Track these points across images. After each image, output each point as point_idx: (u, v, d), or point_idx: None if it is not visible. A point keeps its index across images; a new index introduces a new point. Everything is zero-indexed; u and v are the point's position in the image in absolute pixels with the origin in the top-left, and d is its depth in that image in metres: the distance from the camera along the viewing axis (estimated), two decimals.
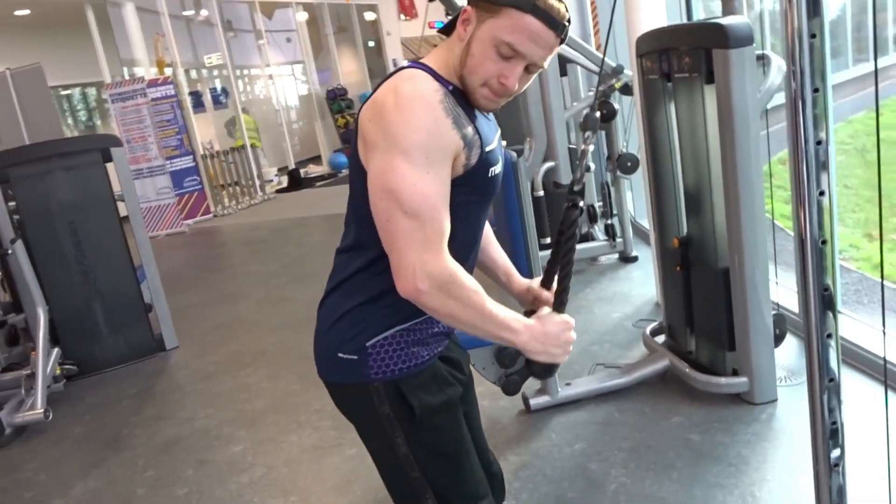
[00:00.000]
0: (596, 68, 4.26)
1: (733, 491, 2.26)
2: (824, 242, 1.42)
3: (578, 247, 4.79)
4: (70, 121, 12.66)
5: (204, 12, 11.37)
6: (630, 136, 4.54)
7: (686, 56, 2.60)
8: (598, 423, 2.81)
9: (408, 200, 1.17)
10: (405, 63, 1.33)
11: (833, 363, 1.54)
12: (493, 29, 1.19)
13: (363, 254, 1.32)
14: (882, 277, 1.67)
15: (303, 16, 13.46)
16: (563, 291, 1.38)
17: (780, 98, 2.95)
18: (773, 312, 2.74)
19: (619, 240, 4.71)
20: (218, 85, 13.42)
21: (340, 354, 1.34)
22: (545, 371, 1.37)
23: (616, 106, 4.35)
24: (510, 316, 1.25)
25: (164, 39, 9.72)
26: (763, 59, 2.67)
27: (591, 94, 4.33)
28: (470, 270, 1.46)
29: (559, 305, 1.36)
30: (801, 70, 1.33)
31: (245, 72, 14.44)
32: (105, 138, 4.60)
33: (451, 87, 1.26)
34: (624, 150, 4.51)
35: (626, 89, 4.25)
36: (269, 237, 7.92)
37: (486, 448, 1.63)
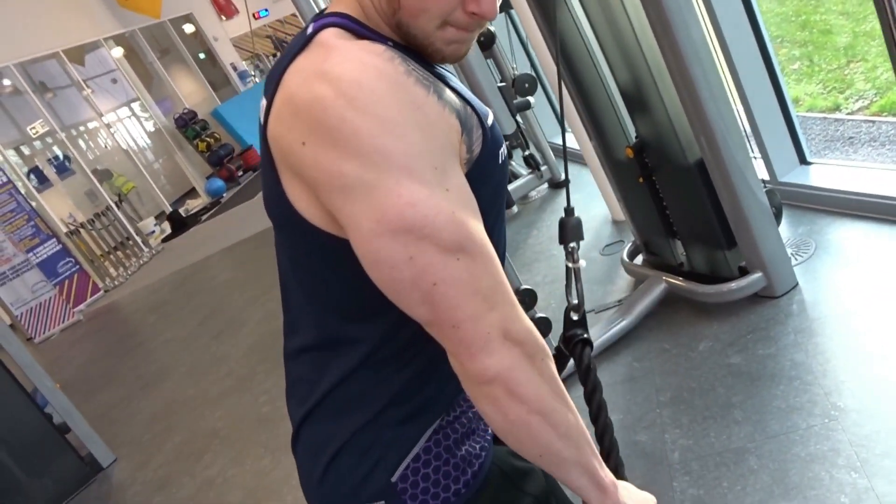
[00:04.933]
0: None
1: (812, 410, 1.90)
2: None
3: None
4: None
5: (6, 82, 10.11)
6: (516, 55, 4.10)
7: None
8: (623, 381, 2.41)
9: (446, 234, 0.69)
10: (307, 26, 0.79)
11: None
12: None
13: (348, 351, 0.83)
14: None
15: (118, 51, 12.26)
16: (609, 454, 1.06)
17: None
18: (766, 188, 2.39)
19: (543, 168, 4.30)
20: (58, 152, 12.16)
21: None
22: None
23: (491, 28, 3.89)
24: (604, 467, 0.83)
25: None
26: None
27: None
28: None
29: (616, 474, 0.93)
30: None
31: (82, 128, 13.17)
32: None
33: (391, 44, 0.76)
34: (515, 72, 4.07)
35: (504, 5, 3.79)
36: (173, 295, 7.14)
37: None
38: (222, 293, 6.24)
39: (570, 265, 1.16)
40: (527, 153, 4.32)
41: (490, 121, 0.80)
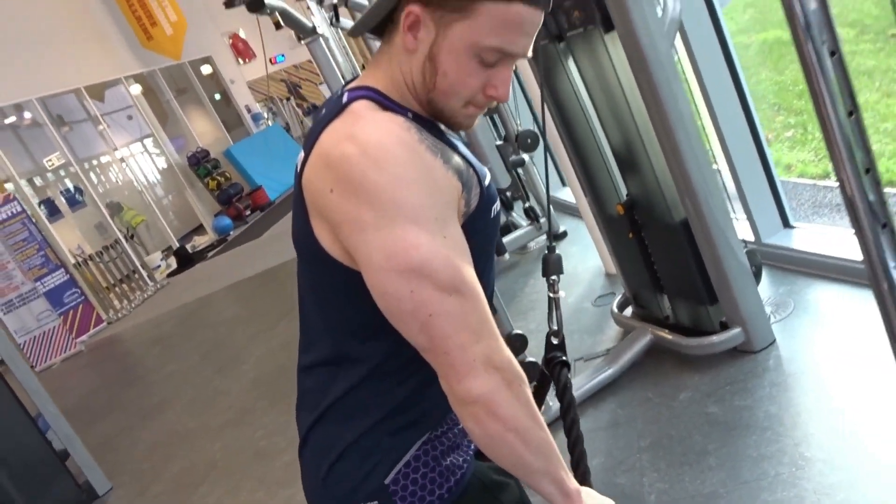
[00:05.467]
0: None
1: (781, 459, 2.02)
2: (851, 113, 1.15)
3: (505, 239, 4.55)
4: None
5: (27, 114, 10.41)
6: (520, 112, 4.31)
7: (575, 10, 2.34)
8: (606, 426, 2.52)
9: (443, 275, 0.83)
10: (343, 90, 0.96)
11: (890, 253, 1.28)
12: (469, 34, 0.88)
13: (356, 366, 0.97)
14: None
15: (136, 88, 12.64)
16: (578, 462, 1.18)
17: None
18: (746, 248, 2.54)
19: (542, 220, 4.47)
20: (70, 185, 12.43)
21: None
22: None
23: None
24: (569, 475, 0.94)
25: None
26: None
27: None
28: None
29: (583, 481, 1.08)
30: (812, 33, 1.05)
31: (95, 162, 13.47)
32: None
33: (410, 115, 0.92)
34: (519, 128, 4.27)
35: None
36: (177, 329, 7.26)
37: None
38: (225, 329, 6.36)
39: (551, 295, 1.28)
40: (527, 205, 4.49)
41: (487, 181, 0.96)
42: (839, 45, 1.02)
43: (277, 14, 2.94)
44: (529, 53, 0.92)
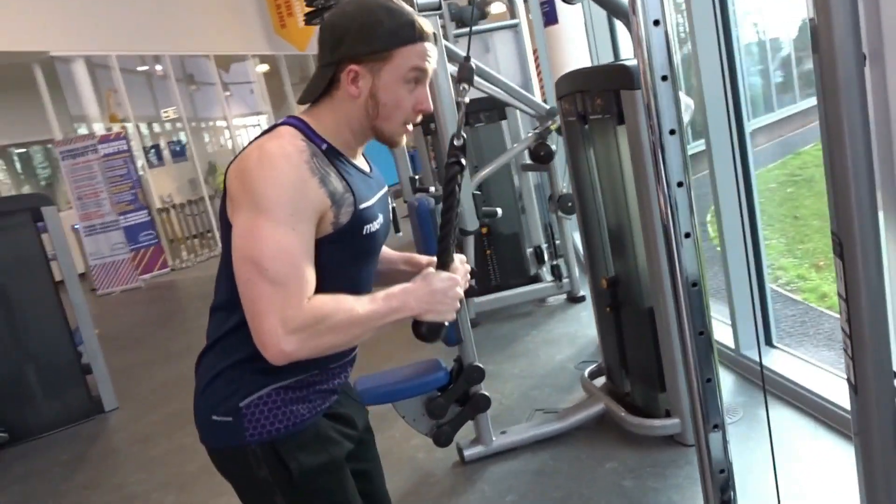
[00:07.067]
0: (531, 111, 4.29)
1: None
2: (694, 285, 1.40)
3: (526, 289, 4.78)
4: (26, 179, 12.50)
5: (159, 67, 11.38)
6: (566, 176, 4.56)
7: (598, 98, 2.61)
8: (532, 472, 2.73)
9: (270, 266, 1.14)
10: (285, 118, 1.30)
11: (716, 407, 1.51)
12: (395, 70, 1.23)
13: (236, 312, 1.26)
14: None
15: (263, 67, 13.54)
16: (444, 251, 1.34)
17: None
18: None
19: (565, 280, 4.69)
20: (182, 137, 13.38)
21: (214, 417, 1.29)
22: (431, 332, 1.30)
23: (553, 147, 4.37)
24: (383, 299, 1.23)
25: (116, 95, 9.68)
26: None
27: (530, 135, 4.34)
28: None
29: (442, 265, 1.33)
30: (658, 112, 1.33)
31: (210, 124, 14.42)
32: (35, 198, 4.52)
33: (325, 147, 1.25)
34: (564, 191, 4.52)
35: (561, 130, 4.28)
36: None
37: None
38: None
39: (458, 100, 1.43)
40: (554, 263, 4.72)
41: (364, 205, 1.25)
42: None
43: None
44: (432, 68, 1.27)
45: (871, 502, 1.30)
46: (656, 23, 1.24)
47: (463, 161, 1.34)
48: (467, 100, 1.42)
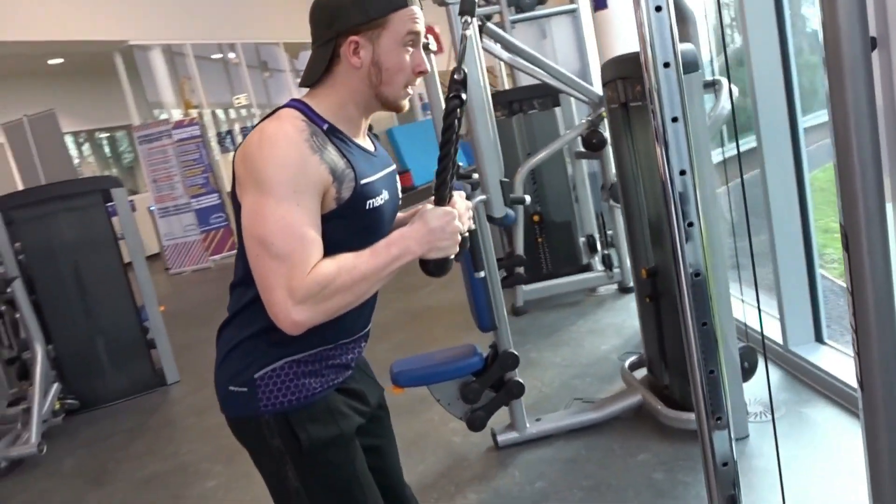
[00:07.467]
0: (584, 98, 4.23)
1: None
2: (697, 275, 1.38)
3: (576, 277, 4.75)
4: (111, 161, 13.14)
5: (232, 55, 11.73)
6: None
7: (637, 85, 2.57)
8: (564, 460, 2.73)
9: (275, 241, 1.20)
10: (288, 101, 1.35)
11: (720, 399, 1.49)
12: (393, 34, 1.28)
13: (252, 288, 1.32)
14: None
15: None
16: (440, 185, 1.33)
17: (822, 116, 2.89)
18: (742, 345, 2.65)
19: (616, 270, 4.63)
20: (250, 124, 13.76)
21: (231, 387, 1.37)
22: (438, 268, 1.31)
23: (605, 134, 4.31)
24: (384, 248, 1.26)
25: (190, 82, 10.05)
26: (715, 85, 2.62)
27: (583, 122, 4.29)
28: (370, 312, 1.47)
29: (439, 200, 1.33)
30: (660, 99, 1.31)
31: None
32: (105, 180, 4.76)
33: (326, 127, 1.29)
34: (615, 179, 4.45)
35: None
36: None
37: (402, 484, 1.61)
38: None
39: (462, 32, 1.43)
40: (605, 252, 4.67)
41: (365, 181, 1.29)
42: None
43: None
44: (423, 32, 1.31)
45: (877, 501, 1.26)
46: (658, 9, 1.22)
47: (463, 96, 1.33)
48: (469, 32, 1.43)
